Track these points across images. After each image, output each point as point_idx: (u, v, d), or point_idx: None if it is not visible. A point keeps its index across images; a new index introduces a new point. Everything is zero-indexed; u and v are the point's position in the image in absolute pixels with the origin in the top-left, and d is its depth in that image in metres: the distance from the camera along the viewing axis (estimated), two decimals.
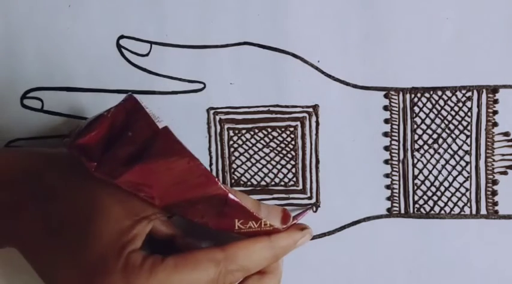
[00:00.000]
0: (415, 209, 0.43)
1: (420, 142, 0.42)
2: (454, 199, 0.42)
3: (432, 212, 0.42)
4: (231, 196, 0.33)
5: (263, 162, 0.43)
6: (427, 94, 0.42)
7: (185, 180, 0.33)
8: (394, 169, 0.43)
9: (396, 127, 0.42)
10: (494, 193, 0.42)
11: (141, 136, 0.33)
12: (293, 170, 0.43)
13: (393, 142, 0.42)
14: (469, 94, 0.42)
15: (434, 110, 0.42)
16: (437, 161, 0.42)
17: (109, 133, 0.34)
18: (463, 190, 0.42)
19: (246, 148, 0.43)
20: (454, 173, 0.42)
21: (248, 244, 0.35)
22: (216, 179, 0.33)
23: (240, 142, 0.43)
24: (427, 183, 0.42)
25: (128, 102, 0.34)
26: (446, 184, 0.42)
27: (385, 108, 0.42)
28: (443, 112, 0.42)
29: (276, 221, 0.37)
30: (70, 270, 0.33)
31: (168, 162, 0.32)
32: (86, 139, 0.33)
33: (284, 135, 0.43)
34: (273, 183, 0.43)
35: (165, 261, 0.33)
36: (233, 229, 0.35)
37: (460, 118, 0.42)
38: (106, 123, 0.34)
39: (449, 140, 0.42)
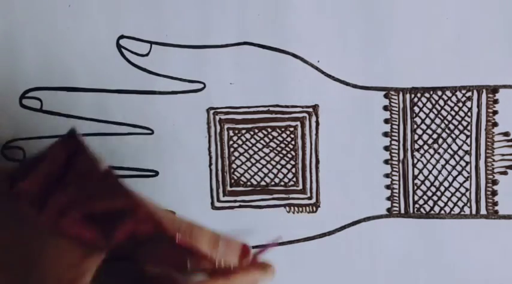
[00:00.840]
0: (415, 209, 0.43)
1: (420, 142, 0.42)
2: (454, 199, 0.42)
3: (432, 212, 0.43)
4: (179, 238, 0.32)
5: (263, 162, 0.43)
6: (427, 94, 0.42)
7: (131, 220, 0.31)
8: (394, 169, 0.43)
9: (396, 127, 0.42)
10: (494, 193, 0.42)
11: (82, 177, 0.32)
12: (293, 170, 0.43)
13: (393, 142, 0.42)
14: (469, 94, 0.42)
15: (434, 110, 0.42)
16: (437, 161, 0.42)
17: (49, 179, 0.32)
18: (463, 190, 0.42)
19: (246, 148, 0.43)
20: (454, 173, 0.42)
21: None
22: (163, 220, 0.32)
23: (239, 142, 0.43)
24: (427, 183, 0.43)
25: (68, 143, 0.33)
26: (446, 184, 0.42)
27: (385, 108, 0.42)
28: (443, 112, 0.42)
29: (234, 257, 0.34)
30: None
31: (111, 202, 0.31)
32: (24, 186, 0.32)
33: (284, 135, 0.43)
34: (273, 183, 0.43)
35: None
36: (186, 268, 0.33)
37: (460, 118, 0.42)
38: (45, 167, 0.32)
39: (449, 140, 0.42)
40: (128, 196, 0.31)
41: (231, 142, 0.43)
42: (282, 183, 0.43)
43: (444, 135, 0.42)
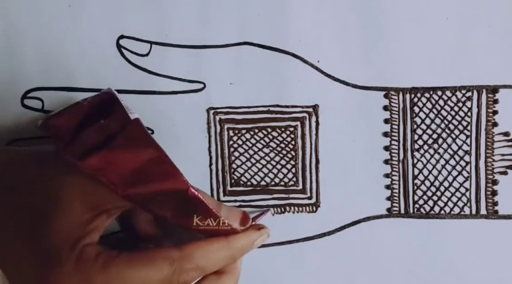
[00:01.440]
0: (415, 209, 0.43)
1: (420, 142, 0.42)
2: (454, 199, 0.42)
3: (432, 212, 0.42)
4: (192, 190, 0.33)
5: (263, 162, 0.43)
6: (427, 94, 0.42)
7: (150, 171, 0.33)
8: (394, 169, 0.43)
9: (396, 127, 0.42)
10: (494, 193, 0.42)
11: (113, 125, 0.34)
12: (293, 170, 0.43)
13: (393, 142, 0.42)
14: (469, 94, 0.42)
15: (434, 110, 0.42)
16: (437, 161, 0.42)
17: (83, 120, 0.34)
18: (462, 190, 0.42)
19: (246, 148, 0.43)
20: (454, 173, 0.42)
21: (205, 244, 0.35)
22: (180, 172, 0.33)
23: (240, 142, 0.43)
24: (427, 183, 0.42)
25: (105, 94, 0.35)
26: (446, 184, 0.42)
27: (385, 108, 0.42)
28: (443, 112, 0.42)
29: (235, 223, 0.37)
30: (24, 259, 0.33)
31: (134, 151, 0.33)
32: (59, 121, 0.34)
33: (284, 135, 0.43)
34: (273, 183, 0.43)
35: (119, 256, 0.33)
36: (191, 225, 0.35)
37: (460, 118, 0.42)
38: (81, 110, 0.35)
39: (449, 140, 0.42)
40: (150, 146, 0.33)
41: (231, 142, 0.43)
42: (282, 183, 0.43)
43: (444, 135, 0.42)
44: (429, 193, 0.43)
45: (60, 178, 0.34)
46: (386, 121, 0.42)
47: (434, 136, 0.42)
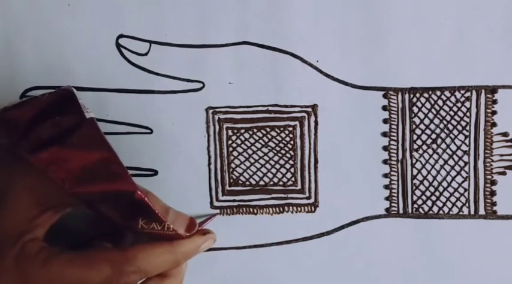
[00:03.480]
0: (414, 209, 0.43)
1: (419, 142, 0.42)
2: (453, 199, 0.42)
3: (431, 212, 0.43)
4: (139, 193, 0.33)
5: (262, 161, 0.43)
6: (425, 95, 0.42)
7: (99, 170, 0.33)
8: (393, 169, 0.43)
9: (395, 127, 0.42)
10: (493, 193, 0.42)
11: (67, 122, 0.34)
12: (292, 170, 0.43)
13: (392, 142, 0.42)
14: (467, 94, 0.42)
15: (433, 110, 0.42)
16: (436, 161, 0.42)
17: (38, 115, 0.34)
18: (461, 190, 0.42)
19: (245, 147, 0.43)
20: (453, 173, 0.42)
21: (149, 248, 0.35)
22: (129, 175, 0.33)
23: (238, 141, 0.43)
24: (426, 183, 0.43)
25: (64, 90, 0.35)
26: (444, 184, 0.42)
27: (384, 108, 0.42)
28: (442, 113, 0.42)
29: (181, 228, 0.36)
30: None
31: (86, 150, 0.33)
32: (14, 114, 0.34)
33: (283, 135, 0.43)
34: (271, 182, 0.43)
35: (61, 254, 0.33)
36: (136, 227, 0.34)
37: (458, 119, 0.42)
38: (38, 105, 0.34)
39: (447, 140, 0.42)
40: (102, 146, 0.33)
41: (230, 142, 0.43)
42: (281, 183, 0.43)
43: (443, 135, 0.42)
44: (428, 193, 0.43)
45: (9, 172, 0.34)
46: (385, 121, 0.42)
47: (433, 136, 0.42)
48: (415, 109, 0.42)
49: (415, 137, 0.42)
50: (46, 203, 0.34)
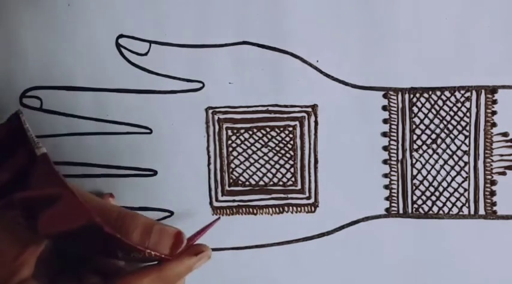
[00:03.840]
0: (414, 209, 0.43)
1: (419, 142, 0.42)
2: (453, 199, 0.42)
3: (430, 212, 0.42)
4: (106, 229, 0.31)
5: (261, 161, 0.43)
6: (425, 95, 0.42)
7: (61, 209, 0.31)
8: (393, 169, 0.43)
9: (395, 127, 0.42)
10: (493, 193, 0.42)
11: (20, 161, 0.32)
12: (292, 170, 0.43)
13: (392, 142, 0.42)
14: (467, 94, 0.42)
15: (433, 110, 0.42)
16: (436, 161, 0.42)
17: None
18: (461, 190, 0.42)
19: (245, 147, 0.43)
20: (453, 173, 0.42)
21: (136, 279, 0.32)
22: (90, 210, 0.31)
23: (238, 141, 0.43)
24: (426, 183, 0.42)
25: (12, 122, 0.33)
26: (444, 184, 0.42)
27: (384, 108, 0.42)
28: (442, 113, 0.42)
29: (166, 249, 0.33)
30: None
31: (43, 190, 0.31)
32: None
33: (283, 135, 0.43)
34: (271, 182, 0.43)
35: None
36: (117, 257, 0.33)
37: (458, 119, 0.42)
38: None
39: (447, 140, 0.42)
40: (59, 185, 0.31)
41: (229, 142, 0.43)
42: (281, 183, 0.43)
43: (443, 135, 0.42)
44: (428, 193, 0.43)
45: None
46: (385, 121, 0.42)
47: (433, 136, 0.42)
48: (415, 110, 0.42)
49: (415, 137, 0.42)
50: (25, 238, 0.32)
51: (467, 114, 0.42)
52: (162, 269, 0.33)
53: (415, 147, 0.42)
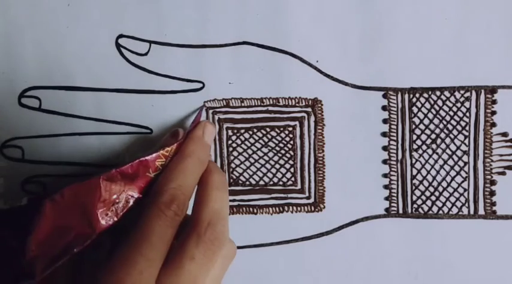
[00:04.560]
0: (413, 209, 0.43)
1: (418, 142, 0.42)
2: (452, 199, 0.42)
3: (430, 212, 0.43)
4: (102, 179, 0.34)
5: (262, 161, 0.43)
6: (425, 95, 0.42)
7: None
8: (393, 169, 0.43)
9: (395, 127, 0.42)
10: (492, 193, 0.42)
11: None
12: (292, 170, 0.43)
13: (391, 142, 0.42)
14: (467, 94, 0.42)
15: (432, 110, 0.42)
16: (436, 161, 0.42)
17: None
18: (461, 190, 0.42)
19: (245, 147, 0.43)
20: (452, 173, 0.42)
21: (168, 169, 0.36)
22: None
23: (238, 141, 0.43)
24: (425, 183, 0.43)
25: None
26: (444, 184, 0.42)
27: (384, 108, 0.42)
28: (442, 113, 0.42)
29: (172, 141, 0.38)
30: None
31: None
32: None
33: (283, 135, 0.43)
34: (271, 182, 0.43)
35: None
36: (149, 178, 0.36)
37: (458, 119, 0.42)
38: None
39: (447, 140, 0.42)
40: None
41: (229, 142, 0.43)
42: (281, 183, 0.43)
43: (442, 135, 0.42)
44: (427, 193, 0.43)
45: None
46: (384, 121, 0.42)
47: (433, 136, 0.42)
48: (415, 110, 0.42)
49: (414, 137, 0.42)
50: None
51: (467, 114, 0.42)
52: (181, 152, 0.37)
53: (415, 147, 0.42)
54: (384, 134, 0.42)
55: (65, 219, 0.33)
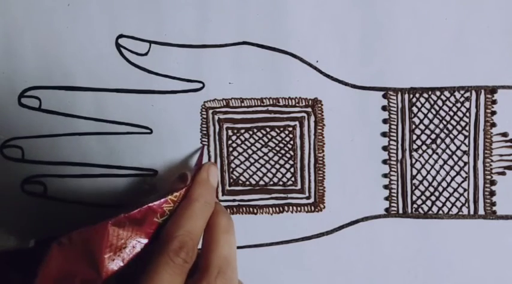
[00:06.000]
0: (413, 209, 0.43)
1: (418, 142, 0.42)
2: (452, 199, 0.42)
3: (430, 212, 0.43)
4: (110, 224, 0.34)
5: (262, 161, 0.43)
6: (425, 95, 0.42)
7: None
8: (393, 169, 0.43)
9: (394, 127, 0.42)
10: (492, 193, 0.42)
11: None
12: (292, 170, 0.43)
13: (391, 142, 0.42)
14: (467, 94, 0.42)
15: (432, 110, 0.42)
16: (436, 161, 0.42)
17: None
18: (461, 190, 0.42)
19: (245, 147, 0.43)
20: (452, 173, 0.42)
21: (176, 216, 0.36)
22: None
23: (238, 141, 0.43)
24: (425, 183, 0.43)
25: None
26: (444, 184, 0.42)
27: (384, 108, 0.42)
28: (442, 113, 0.42)
29: (180, 185, 0.38)
30: None
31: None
32: None
33: (283, 135, 0.43)
34: (271, 182, 0.43)
35: None
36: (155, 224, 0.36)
37: (458, 119, 0.42)
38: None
39: (447, 140, 0.42)
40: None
41: (229, 142, 0.43)
42: (281, 183, 0.43)
43: (442, 135, 0.42)
44: (427, 193, 0.43)
45: None
46: (384, 121, 0.42)
47: (433, 136, 0.42)
48: (415, 110, 0.42)
49: (414, 137, 0.42)
50: None
51: (467, 114, 0.42)
52: (189, 196, 0.37)
53: (415, 147, 0.42)
54: (383, 134, 0.42)
55: (71, 263, 0.33)
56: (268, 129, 0.43)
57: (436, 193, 0.43)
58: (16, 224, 0.43)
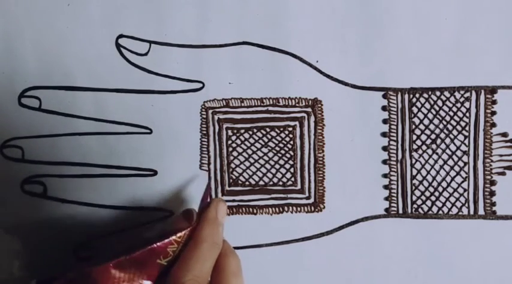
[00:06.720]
0: (413, 209, 0.43)
1: (418, 142, 0.42)
2: (452, 199, 0.42)
3: (430, 212, 0.43)
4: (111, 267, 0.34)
5: (261, 161, 0.43)
6: (425, 95, 0.42)
7: None
8: (392, 169, 0.43)
9: (394, 127, 0.42)
10: (492, 193, 0.42)
11: None
12: (292, 170, 0.43)
13: (391, 142, 0.42)
14: (467, 94, 0.42)
15: (432, 110, 0.42)
16: (436, 161, 0.42)
17: None
18: (461, 190, 0.42)
19: (245, 147, 0.43)
20: (452, 173, 0.42)
21: (183, 260, 0.35)
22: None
23: (238, 141, 0.43)
24: (425, 183, 0.43)
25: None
26: (444, 184, 0.42)
27: (384, 108, 0.42)
28: (442, 113, 0.42)
29: (185, 224, 0.37)
30: None
31: None
32: None
33: (283, 135, 0.43)
34: (271, 182, 0.43)
35: None
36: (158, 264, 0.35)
37: (458, 119, 0.42)
38: None
39: (447, 140, 0.42)
40: None
41: (229, 142, 0.43)
42: (281, 183, 0.43)
43: (442, 135, 0.42)
44: (427, 194, 0.43)
45: None
46: (384, 121, 0.42)
47: (433, 136, 0.42)
48: (415, 110, 0.42)
49: (414, 137, 0.42)
50: None
51: (467, 114, 0.42)
52: (195, 237, 0.36)
53: (415, 147, 0.42)
54: (383, 134, 0.42)
55: None
56: (268, 129, 0.43)
57: (436, 193, 0.43)
58: (16, 224, 0.43)
